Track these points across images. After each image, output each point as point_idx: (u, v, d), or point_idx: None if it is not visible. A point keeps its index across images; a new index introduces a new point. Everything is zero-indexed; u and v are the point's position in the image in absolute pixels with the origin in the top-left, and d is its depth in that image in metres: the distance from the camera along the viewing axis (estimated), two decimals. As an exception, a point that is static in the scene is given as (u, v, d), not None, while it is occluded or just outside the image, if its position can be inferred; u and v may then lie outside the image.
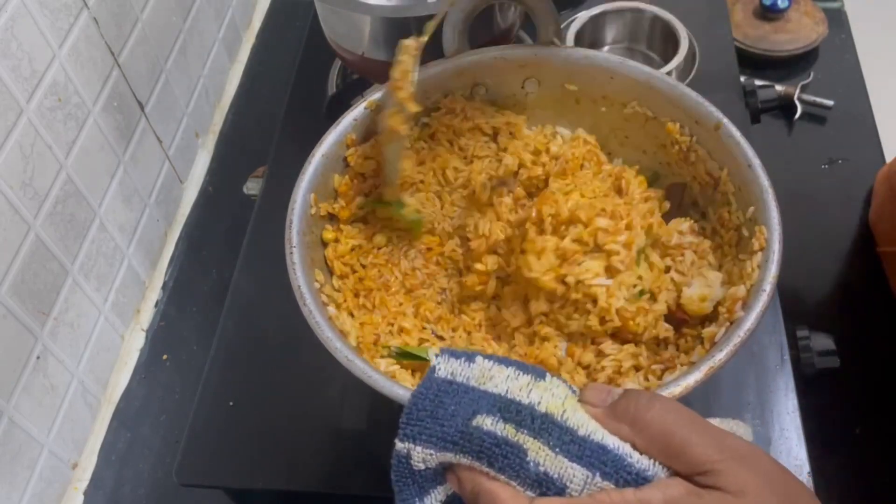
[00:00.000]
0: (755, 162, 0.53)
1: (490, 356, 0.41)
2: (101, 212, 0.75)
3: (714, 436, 0.36)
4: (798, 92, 0.97)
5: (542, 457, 0.37)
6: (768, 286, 0.47)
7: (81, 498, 0.72)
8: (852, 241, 0.87)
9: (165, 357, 0.80)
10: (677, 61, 0.79)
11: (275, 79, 0.99)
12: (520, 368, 0.40)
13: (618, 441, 0.37)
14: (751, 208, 0.52)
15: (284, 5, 1.09)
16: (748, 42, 1.01)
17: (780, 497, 0.35)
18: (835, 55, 1.03)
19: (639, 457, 0.37)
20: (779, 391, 0.63)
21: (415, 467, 0.40)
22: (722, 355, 0.45)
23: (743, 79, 0.87)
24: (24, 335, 0.64)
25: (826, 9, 1.05)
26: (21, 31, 0.61)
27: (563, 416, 0.38)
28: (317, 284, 0.52)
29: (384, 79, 0.61)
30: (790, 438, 0.61)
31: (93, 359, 0.74)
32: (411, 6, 0.72)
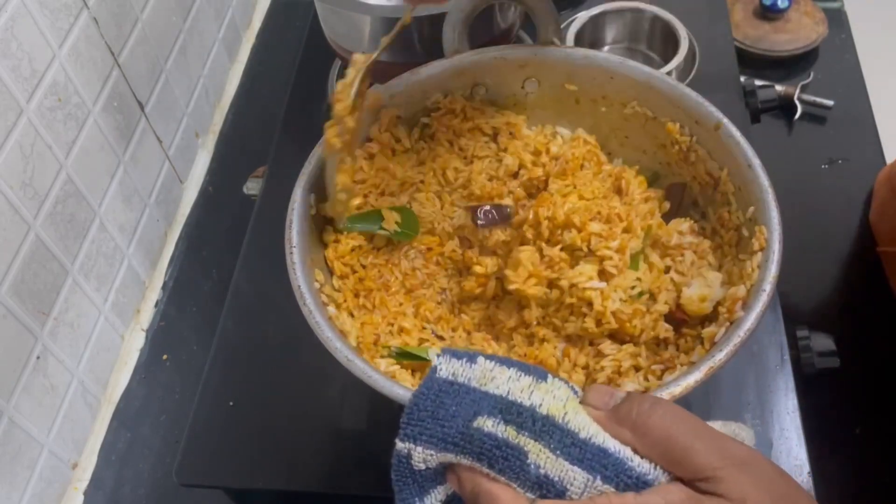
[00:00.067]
0: (755, 162, 0.52)
1: (492, 357, 0.41)
2: (101, 212, 0.75)
3: (716, 442, 0.36)
4: (798, 92, 0.97)
5: (542, 459, 0.37)
6: (768, 286, 0.47)
7: (81, 498, 0.72)
8: (852, 241, 0.87)
9: (165, 357, 0.80)
10: (677, 61, 0.79)
11: (275, 79, 0.99)
12: (521, 369, 0.40)
13: (619, 444, 0.37)
14: (751, 208, 0.52)
15: (284, 5, 1.09)
16: (748, 42, 1.01)
17: None
18: (835, 55, 1.03)
19: (639, 460, 0.37)
20: (779, 391, 0.63)
21: (415, 467, 0.40)
22: (722, 355, 0.45)
23: (743, 79, 0.87)
24: (24, 335, 0.64)
25: (826, 9, 1.05)
26: (21, 31, 0.61)
27: (564, 418, 0.38)
28: (317, 284, 0.52)
29: (384, 79, 0.61)
30: (790, 438, 0.61)
31: (93, 359, 0.74)
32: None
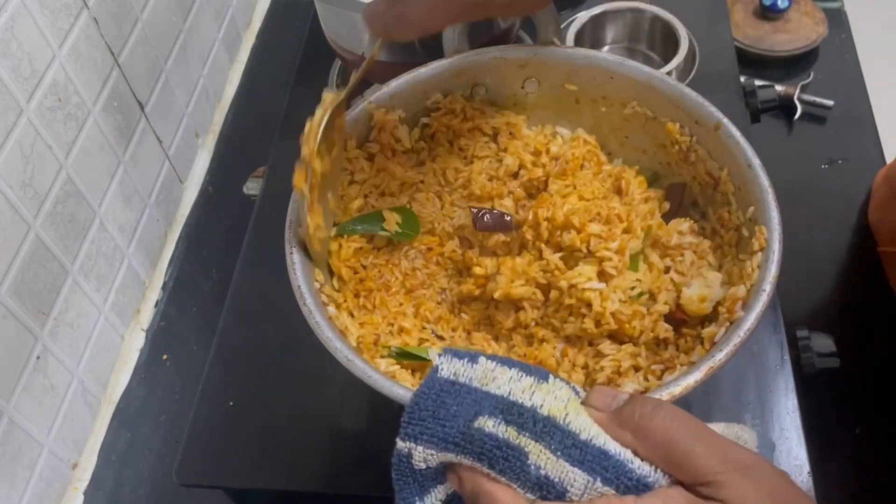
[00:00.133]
0: (755, 162, 0.52)
1: (493, 357, 0.41)
2: (101, 212, 0.75)
3: (717, 446, 0.36)
4: (798, 92, 0.97)
5: (543, 460, 0.37)
6: (768, 286, 0.47)
7: (81, 498, 0.72)
8: (852, 241, 0.87)
9: (165, 357, 0.80)
10: (677, 61, 0.79)
11: (275, 79, 0.99)
12: (523, 370, 0.40)
13: (620, 447, 0.37)
14: (751, 208, 0.52)
15: (284, 5, 1.09)
16: (748, 42, 1.01)
17: None
18: (835, 55, 1.03)
19: (640, 463, 0.37)
20: (779, 391, 0.63)
21: (415, 466, 0.40)
22: (722, 355, 0.45)
23: (743, 79, 0.87)
24: (24, 335, 0.64)
25: (826, 9, 1.05)
26: (21, 31, 0.61)
27: (565, 419, 0.38)
28: (317, 284, 0.52)
29: (384, 79, 0.61)
30: (790, 438, 0.61)
31: (93, 359, 0.74)
32: (411, 6, 0.72)
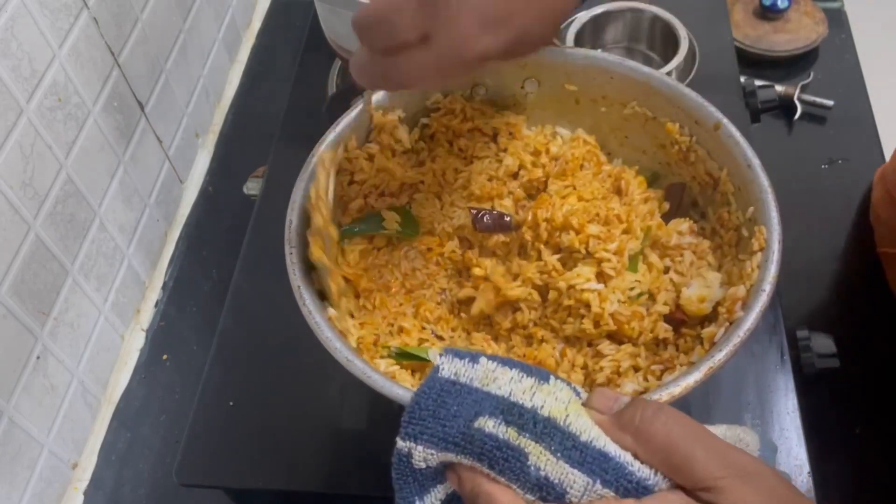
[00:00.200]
0: (755, 162, 0.52)
1: (494, 357, 0.41)
2: (101, 212, 0.75)
3: (718, 451, 0.36)
4: (798, 92, 0.97)
5: (543, 461, 0.37)
6: (768, 286, 0.47)
7: (81, 498, 0.72)
8: (852, 242, 0.87)
9: (165, 357, 0.80)
10: (677, 61, 0.79)
11: (275, 79, 0.99)
12: (524, 370, 0.40)
13: (620, 449, 0.37)
14: (750, 208, 0.52)
15: (284, 5, 1.09)
16: (748, 42, 1.01)
17: None
18: (835, 55, 1.03)
19: (640, 465, 0.37)
20: (779, 391, 0.63)
21: (415, 466, 0.40)
22: (721, 355, 0.45)
23: (743, 79, 0.87)
24: (24, 335, 0.64)
25: (826, 9, 1.05)
26: (21, 31, 0.61)
27: (565, 420, 0.38)
28: (316, 285, 0.52)
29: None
30: (790, 438, 0.61)
31: (93, 359, 0.74)
32: (411, 6, 0.72)
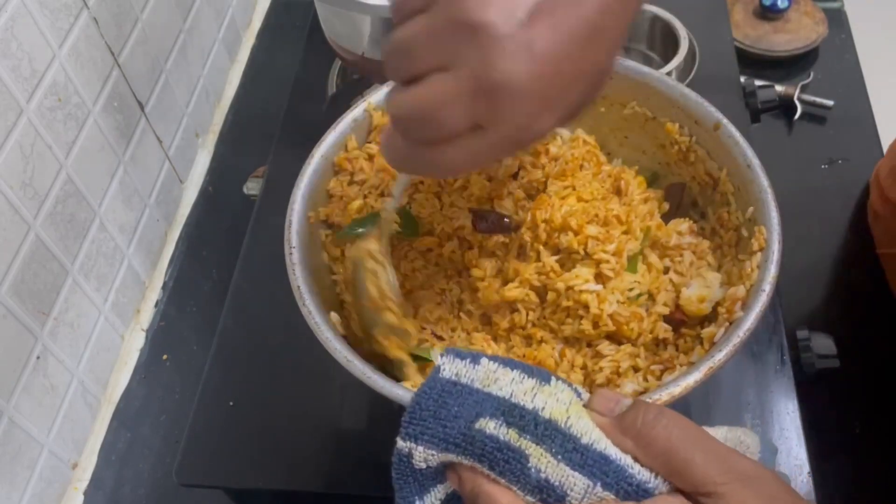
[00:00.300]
0: (754, 162, 0.52)
1: (495, 357, 0.41)
2: (101, 212, 0.75)
3: (719, 455, 0.36)
4: (798, 92, 0.97)
5: (543, 463, 0.37)
6: (768, 286, 0.47)
7: (81, 498, 0.72)
8: (852, 241, 0.87)
9: (165, 357, 0.80)
10: (677, 61, 0.79)
11: (275, 79, 0.99)
12: (525, 372, 0.40)
13: (620, 451, 0.37)
14: (750, 208, 0.52)
15: (284, 5, 1.09)
16: (748, 42, 1.01)
17: None
18: (835, 55, 1.03)
19: (640, 468, 0.37)
20: (779, 391, 0.63)
21: (416, 466, 0.40)
22: (721, 356, 0.45)
23: (743, 79, 0.87)
24: (24, 335, 0.64)
25: (826, 9, 1.05)
26: (21, 31, 0.61)
27: (566, 422, 0.38)
28: (316, 287, 0.52)
29: (384, 79, 0.61)
30: (790, 438, 0.61)
31: (93, 359, 0.74)
32: (411, 6, 0.72)
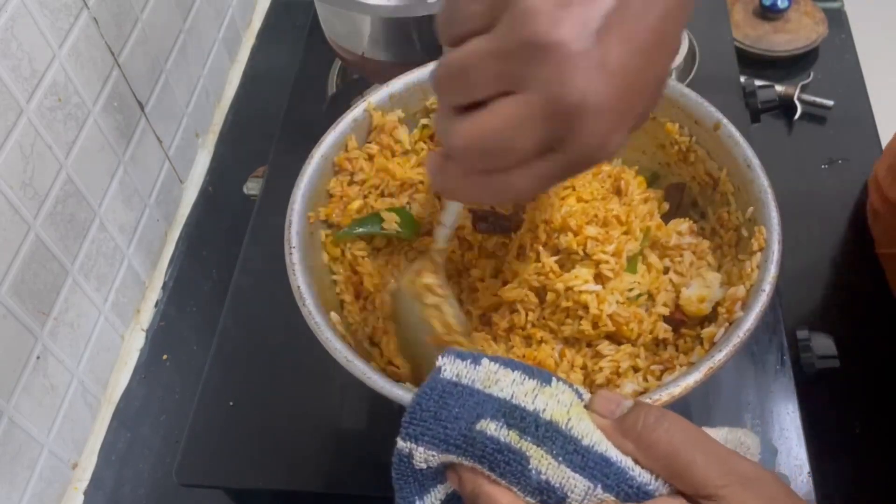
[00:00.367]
0: (754, 162, 0.52)
1: (496, 358, 0.41)
2: (101, 212, 0.75)
3: (720, 458, 0.36)
4: (798, 92, 0.96)
5: (544, 465, 0.37)
6: (768, 286, 0.47)
7: (81, 498, 0.72)
8: (852, 241, 0.87)
9: (165, 357, 0.80)
10: (677, 61, 0.79)
11: (275, 79, 0.99)
12: (526, 373, 0.40)
13: (621, 453, 0.37)
14: (750, 208, 0.52)
15: (284, 5, 1.09)
16: (748, 42, 1.01)
17: None
18: (835, 55, 1.03)
19: (640, 470, 0.37)
20: (779, 391, 0.63)
21: (416, 466, 0.40)
22: (721, 356, 0.45)
23: (743, 79, 0.87)
24: (24, 335, 0.64)
25: (826, 9, 1.05)
26: (21, 31, 0.61)
27: (567, 424, 0.38)
28: (316, 287, 0.52)
29: (384, 79, 0.61)
30: (790, 438, 0.61)
31: (93, 359, 0.74)
32: (411, 6, 0.72)
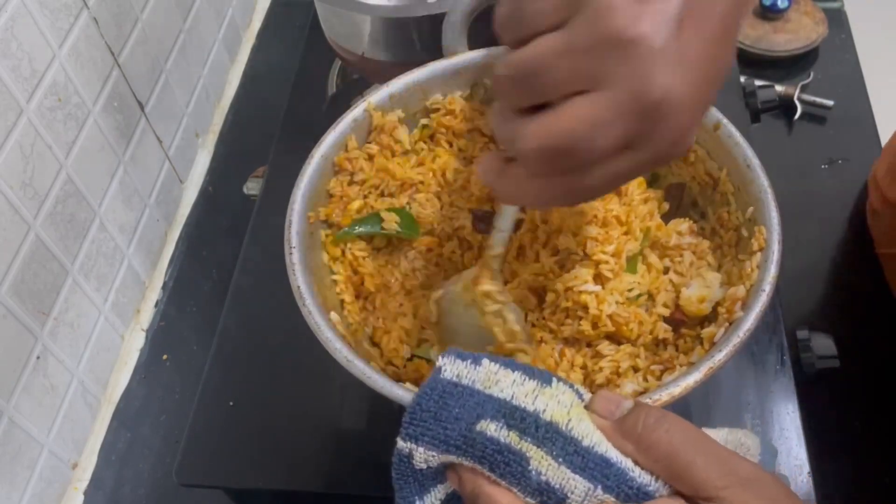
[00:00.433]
0: (754, 162, 0.52)
1: (496, 358, 0.41)
2: (101, 212, 0.75)
3: (720, 459, 0.36)
4: (798, 92, 0.96)
5: (544, 466, 0.37)
6: (768, 286, 0.47)
7: (81, 498, 0.72)
8: (852, 241, 0.87)
9: (165, 357, 0.80)
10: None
11: (275, 79, 0.99)
12: (526, 373, 0.40)
13: (621, 454, 0.37)
14: (750, 208, 0.52)
15: (284, 5, 1.09)
16: (748, 42, 1.01)
17: None
18: (835, 55, 1.03)
19: (640, 471, 0.37)
20: (779, 391, 0.63)
21: (416, 466, 0.40)
22: (721, 356, 0.45)
23: (743, 79, 0.87)
24: (24, 335, 0.64)
25: (826, 9, 1.04)
26: (21, 31, 0.61)
27: (567, 425, 0.38)
28: (316, 287, 0.52)
29: (384, 79, 0.61)
30: (790, 438, 0.61)
31: (93, 359, 0.74)
32: (411, 6, 0.72)
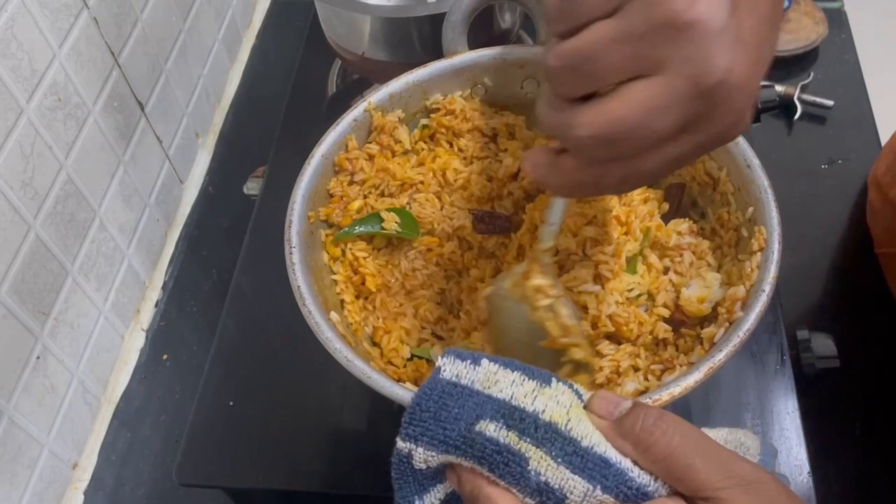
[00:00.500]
0: (754, 162, 0.52)
1: (496, 359, 0.41)
2: (101, 212, 0.75)
3: (719, 460, 0.36)
4: (798, 92, 0.96)
5: (543, 466, 0.37)
6: (768, 286, 0.47)
7: (81, 498, 0.72)
8: (852, 241, 0.87)
9: (165, 357, 0.80)
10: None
11: (275, 79, 0.99)
12: (525, 373, 0.40)
13: (620, 455, 0.37)
14: (750, 208, 0.52)
15: (284, 5, 1.09)
16: (748, 42, 1.01)
17: None
18: (835, 55, 1.03)
19: (640, 472, 0.37)
20: (779, 391, 0.63)
21: (416, 466, 0.40)
22: (721, 356, 0.45)
23: (743, 79, 0.87)
24: (24, 335, 0.64)
25: (826, 9, 1.04)
26: (21, 31, 0.61)
27: (566, 425, 0.38)
28: (316, 287, 0.52)
29: (384, 79, 0.61)
30: (790, 438, 0.61)
31: (93, 359, 0.74)
32: (411, 6, 0.72)
